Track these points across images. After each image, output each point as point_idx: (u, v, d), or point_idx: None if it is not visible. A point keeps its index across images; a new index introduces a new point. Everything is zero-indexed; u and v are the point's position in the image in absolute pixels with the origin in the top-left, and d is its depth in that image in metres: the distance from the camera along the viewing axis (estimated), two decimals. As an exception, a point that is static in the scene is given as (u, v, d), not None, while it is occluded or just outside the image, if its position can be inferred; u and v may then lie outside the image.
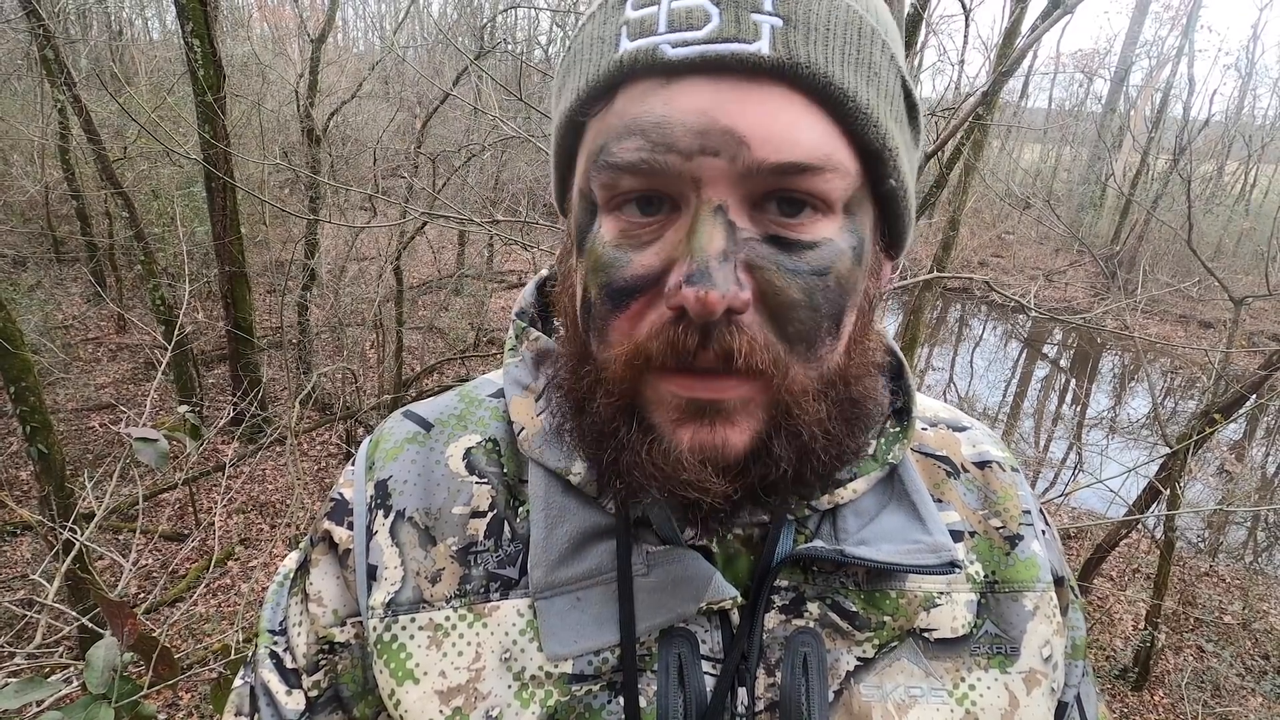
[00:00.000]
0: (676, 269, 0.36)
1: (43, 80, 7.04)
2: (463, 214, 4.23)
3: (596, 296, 0.39)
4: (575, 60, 0.40)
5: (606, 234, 0.39)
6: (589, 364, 0.41)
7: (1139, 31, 17.78)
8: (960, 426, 0.57)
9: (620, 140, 0.36)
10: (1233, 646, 4.85)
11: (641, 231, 0.38)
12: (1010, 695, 0.47)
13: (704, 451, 0.38)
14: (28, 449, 3.65)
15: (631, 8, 0.37)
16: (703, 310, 0.34)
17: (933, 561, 0.45)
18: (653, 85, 0.36)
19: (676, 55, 0.35)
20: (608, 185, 0.37)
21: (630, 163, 0.36)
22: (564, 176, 0.45)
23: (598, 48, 0.38)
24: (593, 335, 0.40)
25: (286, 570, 0.55)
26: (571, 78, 0.40)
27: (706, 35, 0.34)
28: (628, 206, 0.38)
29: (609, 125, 0.37)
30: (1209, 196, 16.17)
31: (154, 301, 5.89)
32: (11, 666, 1.55)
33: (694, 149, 0.34)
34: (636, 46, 0.36)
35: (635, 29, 0.36)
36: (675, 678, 0.43)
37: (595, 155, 0.38)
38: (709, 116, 0.34)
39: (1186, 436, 3.89)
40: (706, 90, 0.34)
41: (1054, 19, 2.09)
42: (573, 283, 0.43)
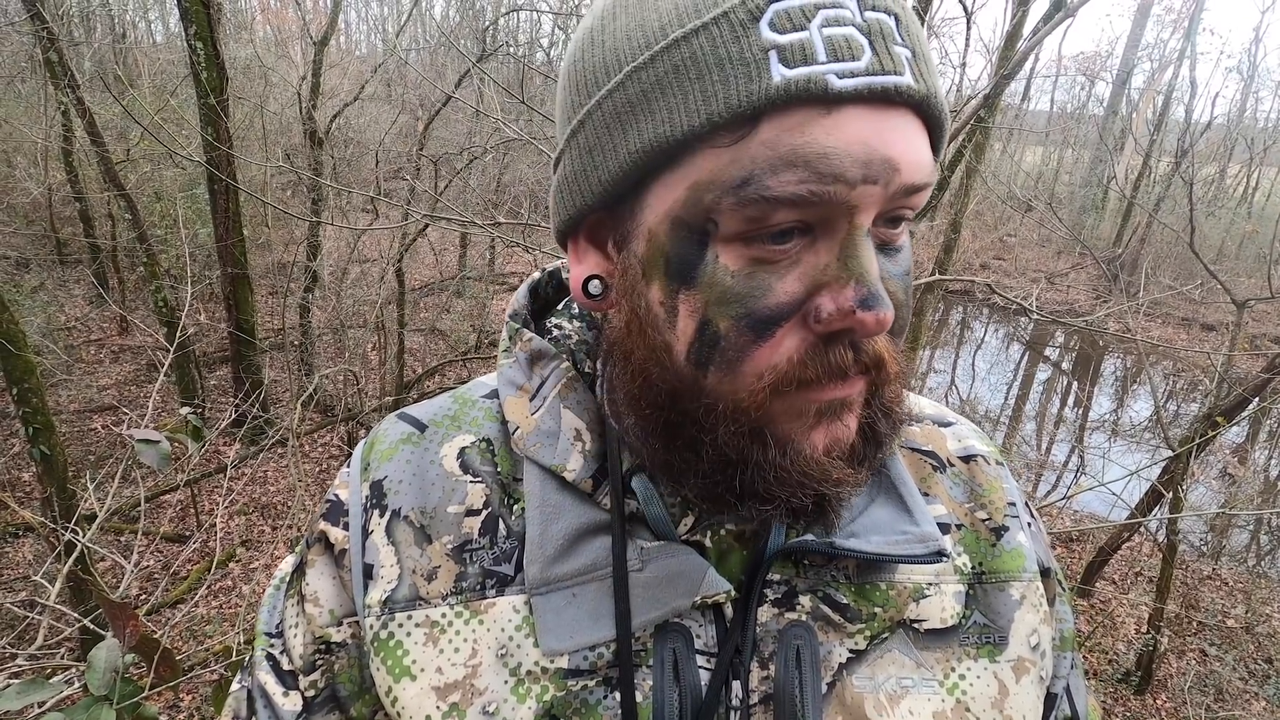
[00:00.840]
0: (830, 294, 0.37)
1: (46, 83, 7.07)
2: (465, 216, 4.23)
3: (730, 328, 0.37)
4: (684, 77, 0.36)
5: (731, 263, 0.37)
6: (700, 398, 0.40)
7: (1141, 34, 17.79)
8: (945, 422, 0.58)
9: (777, 173, 0.35)
10: (1236, 650, 4.83)
11: (777, 259, 0.37)
12: (1000, 684, 0.48)
13: (835, 446, 0.40)
14: (30, 450, 3.66)
15: (773, 30, 0.34)
16: (878, 330, 0.36)
17: (920, 551, 0.46)
18: (811, 115, 0.34)
19: (843, 86, 0.34)
20: (755, 218, 0.36)
21: (794, 195, 0.35)
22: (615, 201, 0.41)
23: (735, 70, 0.34)
24: (713, 368, 0.39)
25: (283, 573, 0.55)
26: (679, 97, 0.36)
27: (867, 67, 0.35)
28: (765, 235, 0.36)
29: (753, 156, 0.35)
30: (1211, 199, 16.16)
31: (156, 303, 5.90)
32: (13, 668, 1.55)
33: (858, 179, 0.35)
34: (799, 75, 0.34)
35: (794, 56, 0.34)
36: (670, 672, 0.44)
37: (733, 186, 0.35)
38: (870, 146, 0.35)
39: (1189, 439, 3.88)
40: (866, 120, 0.35)
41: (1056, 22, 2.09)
42: (656, 316, 0.40)
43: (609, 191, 0.40)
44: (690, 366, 0.39)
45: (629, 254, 0.41)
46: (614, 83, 0.38)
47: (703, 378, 0.39)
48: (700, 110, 0.35)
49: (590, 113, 0.40)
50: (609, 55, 0.39)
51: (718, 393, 0.39)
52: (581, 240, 0.45)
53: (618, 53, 0.38)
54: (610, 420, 0.48)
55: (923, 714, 0.45)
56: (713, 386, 0.39)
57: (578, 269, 0.45)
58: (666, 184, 0.38)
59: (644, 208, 0.40)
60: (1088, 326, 4.59)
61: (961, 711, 0.46)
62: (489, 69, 6.31)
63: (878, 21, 0.35)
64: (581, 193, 0.42)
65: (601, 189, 0.40)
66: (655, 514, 0.46)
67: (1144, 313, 9.40)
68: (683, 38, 0.36)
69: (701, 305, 0.38)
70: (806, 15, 0.34)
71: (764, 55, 0.34)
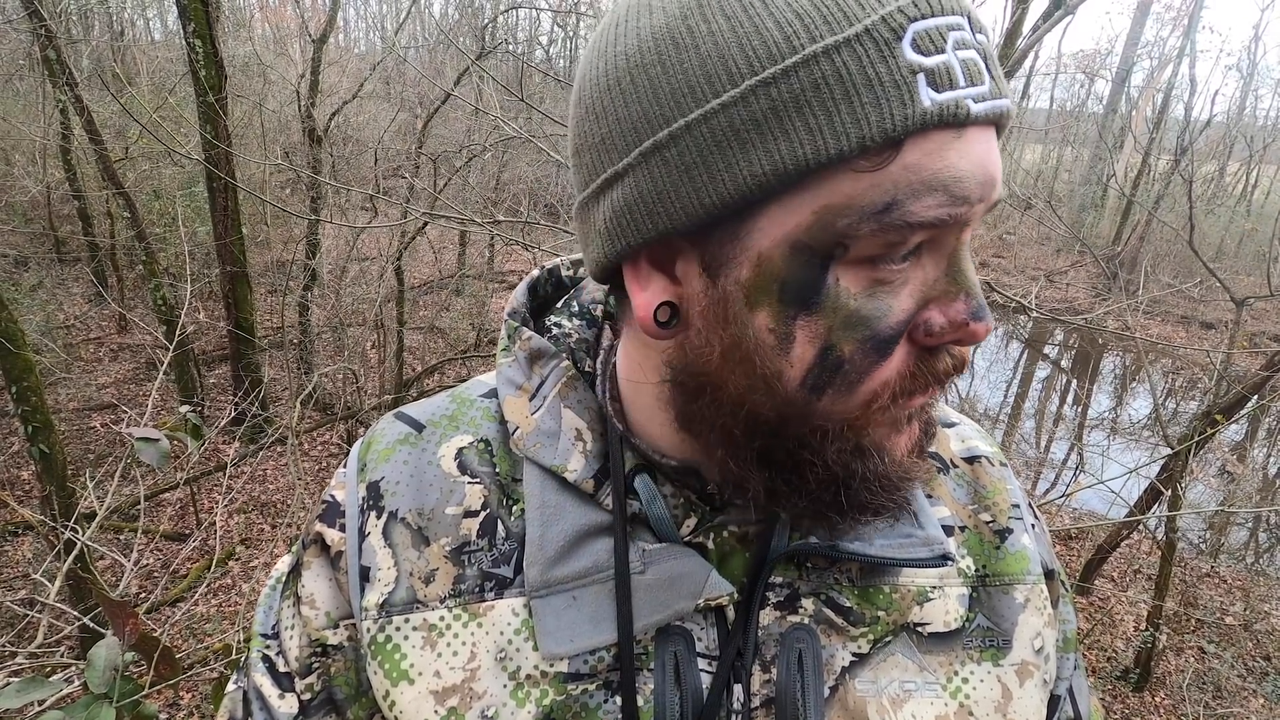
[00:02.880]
0: (938, 307, 0.37)
1: (45, 80, 7.05)
2: (464, 214, 4.23)
3: (855, 351, 0.37)
4: (824, 95, 0.33)
5: (853, 286, 0.36)
6: (811, 421, 0.39)
7: (1140, 32, 17.76)
8: (949, 422, 0.58)
9: (919, 198, 0.34)
10: (1234, 648, 4.84)
11: (892, 279, 0.37)
12: (1003, 687, 0.47)
13: (913, 448, 0.42)
14: (29, 449, 3.66)
15: (917, 52, 0.33)
16: (985, 337, 0.38)
17: (925, 555, 0.46)
18: (946, 139, 0.34)
19: (978, 111, 0.35)
20: (895, 243, 0.35)
21: (935, 219, 0.35)
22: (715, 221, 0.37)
23: (886, 91, 0.33)
24: (830, 392, 0.38)
25: (279, 574, 0.55)
26: (815, 116, 0.33)
27: (990, 90, 0.35)
28: (891, 257, 0.36)
29: (895, 180, 0.34)
30: (1210, 197, 16.16)
31: (155, 301, 5.90)
32: (13, 666, 1.55)
33: (978, 199, 0.36)
34: (949, 99, 0.33)
35: (940, 79, 0.33)
36: (672, 675, 0.43)
37: (875, 212, 0.34)
38: (985, 167, 0.36)
39: (1188, 437, 3.88)
40: (983, 141, 0.36)
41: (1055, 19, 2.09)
42: (765, 344, 0.38)
43: (711, 215, 0.36)
44: (803, 392, 0.38)
45: (727, 280, 0.38)
46: (730, 96, 0.34)
47: (815, 401, 0.38)
48: (850, 133, 0.33)
49: (689, 128, 0.35)
50: (713, 64, 0.34)
51: (829, 414, 0.39)
52: (644, 264, 0.41)
53: (727, 63, 0.34)
54: (612, 420, 0.47)
55: (925, 718, 0.45)
56: (825, 409, 0.38)
57: (644, 295, 0.41)
58: (787, 207, 0.35)
59: (752, 231, 0.36)
60: (1087, 324, 4.59)
61: (965, 715, 0.46)
62: (488, 67, 6.30)
63: (985, 44, 0.36)
64: (668, 215, 0.37)
65: (703, 212, 0.36)
66: (658, 515, 0.46)
67: (1143, 311, 9.40)
68: (823, 53, 0.33)
69: (824, 330, 0.37)
70: (943, 36, 0.34)
71: (913, 77, 0.33)
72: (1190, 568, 5.91)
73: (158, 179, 8.40)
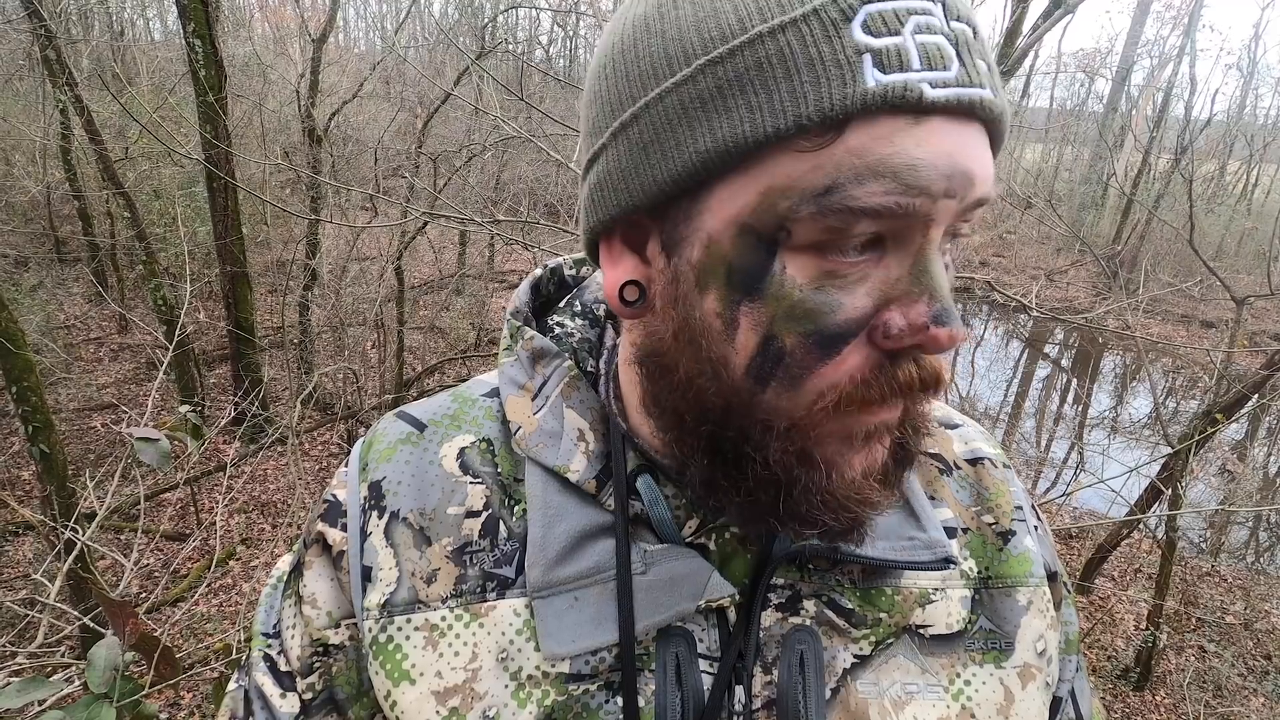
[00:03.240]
0: (899, 309, 0.35)
1: (44, 81, 7.04)
2: (464, 214, 4.23)
3: (796, 344, 0.36)
4: (766, 75, 0.33)
5: (799, 276, 0.35)
6: (755, 413, 0.38)
7: (1140, 31, 17.77)
8: (952, 424, 0.57)
9: (862, 183, 0.33)
10: (1234, 647, 4.84)
11: (850, 272, 0.35)
12: (1006, 690, 0.47)
13: (870, 470, 0.39)
14: (29, 449, 3.66)
15: (867, 33, 0.33)
16: (950, 346, 0.35)
17: (928, 558, 0.46)
18: (900, 124, 0.33)
19: (936, 96, 0.33)
20: (836, 229, 0.34)
21: (879, 207, 0.33)
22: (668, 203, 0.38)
23: (826, 71, 0.33)
24: (774, 384, 0.37)
25: (280, 573, 0.55)
26: (760, 95, 0.33)
27: (956, 78, 0.33)
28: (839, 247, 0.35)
29: (838, 163, 0.33)
30: (1211, 196, 16.16)
31: (155, 301, 5.90)
32: (13, 666, 1.55)
33: (940, 192, 0.34)
34: (895, 81, 0.32)
35: (889, 60, 0.32)
36: (673, 677, 0.43)
37: (815, 194, 0.33)
38: (953, 159, 0.34)
39: (1188, 436, 3.88)
40: (950, 132, 0.34)
41: (1055, 18, 2.09)
42: (711, 328, 0.38)
43: (664, 192, 0.37)
44: (749, 381, 0.37)
45: (680, 260, 0.38)
46: (682, 75, 0.35)
47: (760, 394, 0.37)
48: (788, 111, 0.33)
49: (648, 106, 0.37)
50: (673, 46, 0.36)
51: (775, 410, 0.37)
52: (617, 242, 0.42)
53: (685, 44, 0.35)
54: (615, 420, 0.47)
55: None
56: (770, 403, 0.37)
57: (613, 273, 0.42)
58: (733, 187, 0.35)
59: (703, 211, 0.37)
60: (1087, 324, 4.59)
61: (967, 718, 0.46)
62: (488, 66, 6.30)
63: (962, 31, 0.35)
64: (629, 192, 0.39)
65: (656, 189, 0.37)
66: (660, 516, 0.45)
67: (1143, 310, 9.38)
68: (769, 32, 0.33)
69: (766, 319, 0.36)
70: (900, 19, 0.33)
71: (858, 58, 0.33)
72: (1191, 567, 5.91)
73: (158, 179, 8.40)
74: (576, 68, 13.58)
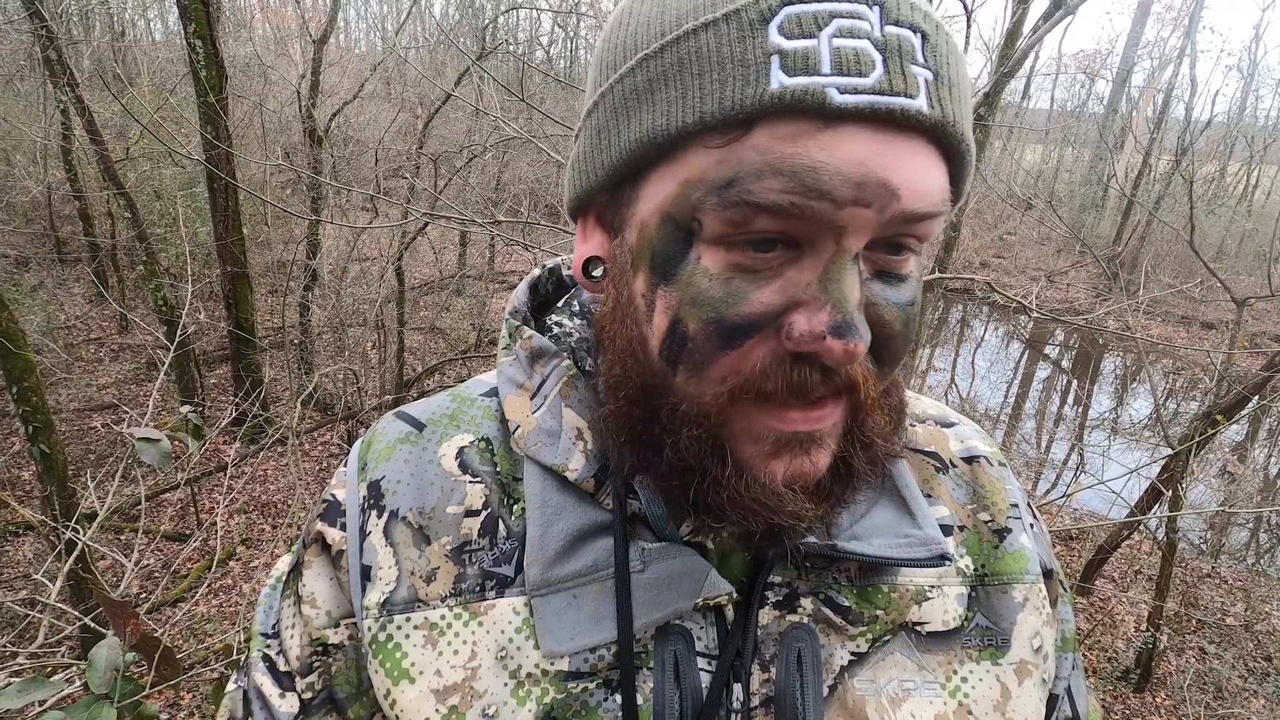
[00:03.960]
0: (806, 313, 0.35)
1: (46, 81, 7.06)
2: (464, 215, 4.23)
3: (698, 331, 0.37)
4: (685, 72, 0.35)
5: (711, 266, 0.36)
6: (668, 396, 0.39)
7: (1141, 32, 17.77)
8: (948, 422, 0.58)
9: (761, 179, 0.34)
10: (1235, 648, 4.84)
11: (760, 268, 0.36)
12: (1002, 686, 0.47)
13: (798, 479, 0.39)
14: (30, 449, 3.66)
15: (781, 35, 0.33)
16: (847, 361, 0.35)
17: (923, 555, 0.46)
18: (806, 127, 0.33)
19: (844, 103, 0.32)
20: (735, 222, 0.35)
21: (775, 204, 0.34)
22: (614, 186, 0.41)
23: (734, 71, 0.34)
24: (681, 368, 0.38)
25: (279, 573, 0.55)
26: (677, 90, 0.35)
27: (874, 85, 0.33)
28: (746, 241, 0.35)
29: (741, 159, 0.34)
30: (1211, 197, 16.16)
31: (156, 302, 5.90)
32: (14, 666, 1.55)
33: (848, 199, 0.33)
34: (799, 85, 0.33)
35: (795, 64, 0.33)
36: (671, 674, 0.43)
37: (718, 187, 0.35)
38: (866, 168, 0.33)
39: (1188, 438, 3.88)
40: (866, 140, 0.33)
41: (1056, 20, 2.09)
42: (637, 308, 0.40)
43: (610, 177, 0.40)
44: (662, 363, 0.39)
45: (622, 241, 0.41)
46: (626, 68, 0.38)
47: (672, 375, 0.39)
48: (695, 108, 0.35)
49: (604, 95, 0.40)
50: (629, 40, 0.38)
51: (684, 393, 0.39)
52: (590, 219, 0.45)
53: (636, 38, 0.38)
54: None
55: (924, 717, 0.45)
56: (680, 386, 0.39)
57: (581, 248, 0.45)
58: (662, 177, 0.38)
59: (639, 198, 0.39)
60: (1087, 325, 4.59)
61: (964, 715, 0.46)
62: (488, 67, 6.31)
63: (898, 38, 0.34)
64: (588, 173, 0.42)
65: (604, 173, 0.41)
66: (658, 514, 0.46)
67: (1144, 311, 9.39)
68: (691, 31, 0.35)
69: (675, 303, 0.37)
70: (819, 23, 0.33)
71: (766, 59, 0.33)
72: (1191, 568, 5.90)
73: (158, 179, 8.41)
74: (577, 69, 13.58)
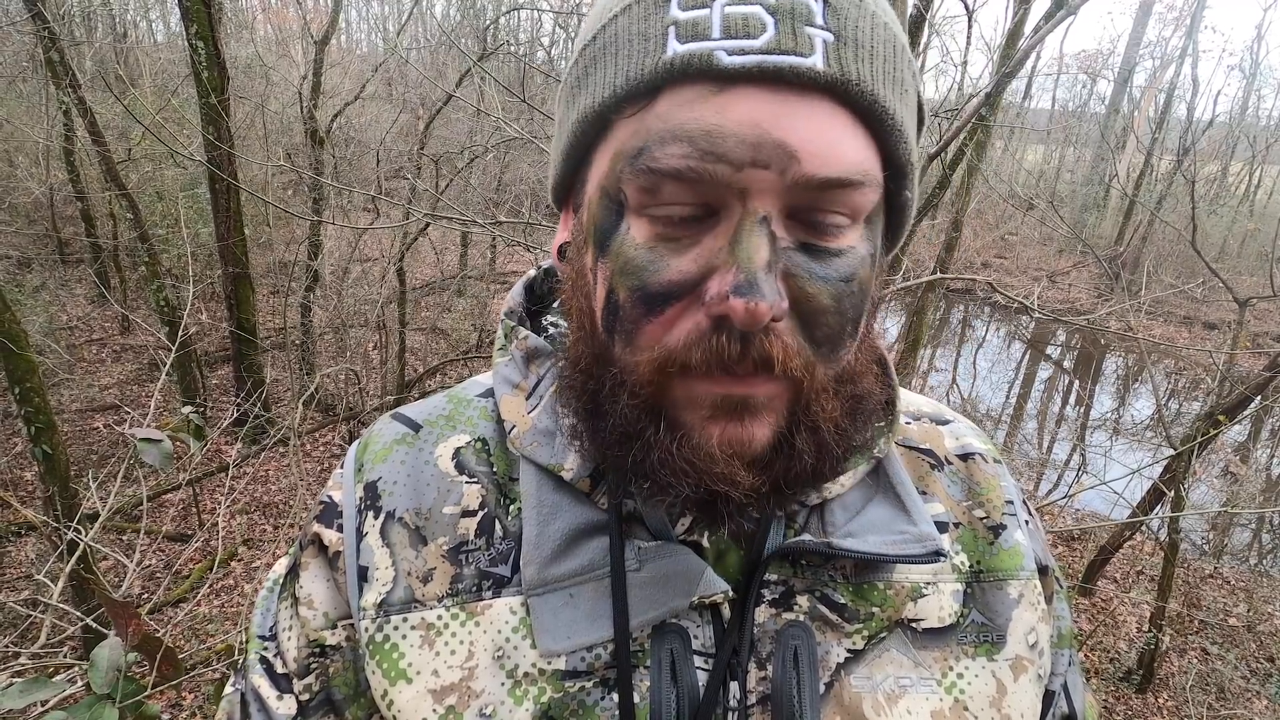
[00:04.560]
0: (718, 277, 0.36)
1: (48, 82, 7.06)
2: (466, 215, 4.24)
3: (626, 299, 0.38)
4: (606, 53, 0.38)
5: (637, 236, 0.38)
6: (610, 366, 0.40)
7: (1142, 32, 17.74)
8: (943, 420, 0.58)
9: (664, 145, 0.35)
10: (1237, 649, 4.83)
11: (679, 236, 0.37)
12: (998, 682, 0.48)
13: (733, 446, 0.39)
14: (32, 449, 3.67)
15: (679, 8, 0.35)
16: (750, 321, 0.35)
17: (918, 551, 0.46)
18: (702, 92, 0.34)
19: (732, 64, 0.34)
20: (646, 189, 0.36)
21: (675, 169, 0.35)
22: (574, 170, 0.44)
23: (638, 45, 0.36)
24: (617, 337, 0.39)
25: (276, 576, 0.55)
26: (601, 71, 0.38)
27: (763, 45, 0.34)
28: (663, 209, 0.37)
29: (649, 127, 0.36)
30: (1213, 197, 16.13)
31: (158, 302, 5.91)
32: (16, 666, 1.55)
33: (745, 160, 0.34)
34: (689, 50, 0.34)
35: (686, 31, 0.35)
36: (668, 673, 0.43)
37: (631, 156, 0.37)
38: (761, 129, 0.34)
39: (1190, 438, 3.88)
40: (760, 101, 0.34)
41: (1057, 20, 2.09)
42: (587, 282, 0.42)
43: (567, 161, 0.43)
44: (604, 333, 0.40)
45: (578, 221, 0.43)
46: (572, 61, 0.41)
47: (612, 346, 0.40)
48: (611, 84, 0.37)
49: (564, 81, 0.43)
50: (584, 29, 0.42)
51: (623, 363, 0.39)
52: (569, 207, 0.47)
53: (583, 33, 0.41)
54: None
55: (921, 713, 0.45)
56: (619, 356, 0.40)
57: (560, 234, 0.47)
58: (600, 154, 0.40)
59: (588, 178, 0.42)
60: (1089, 325, 4.59)
61: (960, 710, 0.46)
62: (490, 68, 6.32)
63: (791, 3, 0.35)
64: (556, 163, 0.45)
65: (561, 158, 0.43)
66: (653, 513, 0.46)
67: (1145, 311, 9.38)
68: (613, 16, 0.38)
69: (609, 274, 0.39)
70: None
71: (664, 31, 0.35)
72: (1193, 569, 5.89)
73: (160, 180, 8.42)
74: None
